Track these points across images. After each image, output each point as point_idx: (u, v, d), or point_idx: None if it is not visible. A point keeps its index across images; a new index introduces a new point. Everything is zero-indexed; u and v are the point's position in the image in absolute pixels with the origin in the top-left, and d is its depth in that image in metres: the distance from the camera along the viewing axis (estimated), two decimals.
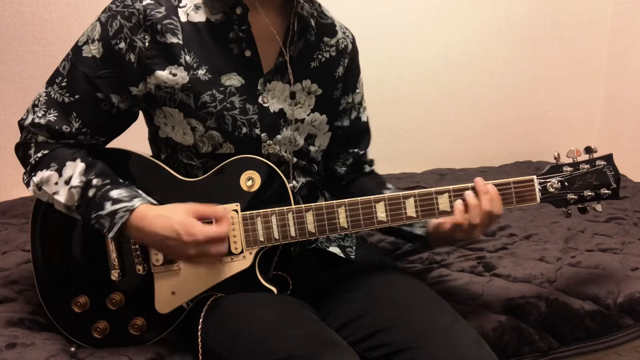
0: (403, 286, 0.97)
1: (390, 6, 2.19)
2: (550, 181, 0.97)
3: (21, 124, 0.95)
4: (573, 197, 0.97)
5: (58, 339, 0.95)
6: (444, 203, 0.94)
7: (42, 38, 1.86)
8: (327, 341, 0.82)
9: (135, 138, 1.08)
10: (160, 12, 0.91)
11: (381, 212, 0.94)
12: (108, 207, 0.87)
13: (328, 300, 0.99)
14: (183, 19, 0.93)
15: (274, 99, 0.98)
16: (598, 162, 0.98)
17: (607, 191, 0.97)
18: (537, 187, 0.96)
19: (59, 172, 0.90)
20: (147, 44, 0.91)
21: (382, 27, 2.19)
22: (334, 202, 0.93)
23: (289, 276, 1.03)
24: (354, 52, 1.13)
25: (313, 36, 1.03)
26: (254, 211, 0.93)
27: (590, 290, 1.17)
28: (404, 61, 2.26)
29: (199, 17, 0.94)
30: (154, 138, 1.03)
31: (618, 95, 2.48)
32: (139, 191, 0.92)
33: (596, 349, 1.14)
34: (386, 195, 0.94)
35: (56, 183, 0.90)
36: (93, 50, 0.92)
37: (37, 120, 0.93)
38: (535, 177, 0.96)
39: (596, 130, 2.59)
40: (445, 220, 0.95)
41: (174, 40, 0.92)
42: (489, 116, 2.43)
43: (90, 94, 0.92)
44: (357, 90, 1.15)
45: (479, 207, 0.91)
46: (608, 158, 0.98)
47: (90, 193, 0.89)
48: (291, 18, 0.99)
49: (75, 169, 0.90)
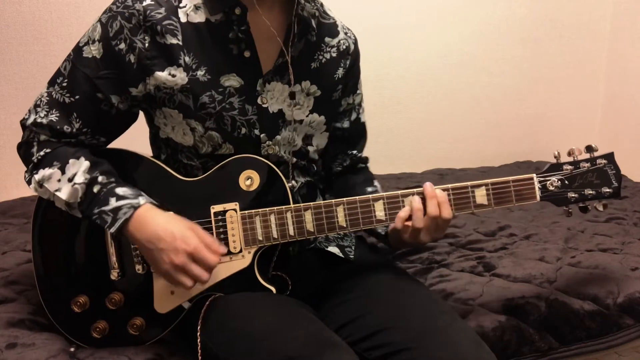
0: (402, 286, 0.97)
1: (390, 6, 2.19)
2: (550, 179, 0.96)
3: (23, 124, 0.96)
4: (573, 196, 0.97)
5: (58, 339, 0.95)
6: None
7: (42, 38, 1.87)
8: (327, 341, 0.82)
9: (135, 138, 1.08)
10: (160, 13, 0.91)
11: (380, 211, 0.94)
12: (112, 203, 0.88)
13: (327, 300, 0.98)
14: (183, 20, 0.93)
15: (273, 100, 0.98)
16: (599, 161, 0.98)
17: (608, 190, 0.97)
18: (537, 186, 0.96)
19: (62, 170, 0.91)
20: (147, 45, 0.91)
21: (382, 27, 2.19)
22: (333, 201, 0.93)
23: (288, 276, 1.02)
24: (356, 54, 1.12)
25: (314, 36, 1.03)
26: (253, 210, 0.93)
27: (590, 290, 1.16)
28: (404, 61, 2.26)
29: (199, 18, 0.94)
30: (155, 138, 1.03)
31: (618, 95, 2.47)
32: (143, 193, 0.92)
33: (596, 349, 1.13)
34: (385, 194, 0.94)
35: (58, 180, 0.90)
36: (93, 50, 0.92)
37: (39, 120, 0.93)
38: (535, 176, 0.96)
39: (596, 130, 2.59)
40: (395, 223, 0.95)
41: (174, 41, 0.92)
42: (489, 116, 2.43)
43: (90, 95, 0.93)
44: (358, 91, 1.14)
45: (421, 212, 0.91)
46: (609, 157, 0.98)
47: (95, 189, 0.89)
48: (291, 18, 0.98)
49: (79, 167, 0.90)
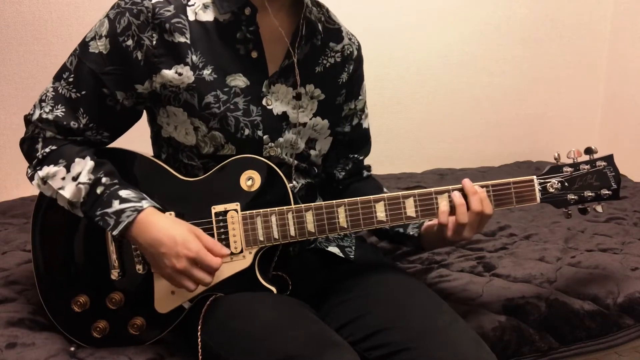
0: (402, 286, 0.97)
1: (390, 6, 2.19)
2: (550, 181, 0.97)
3: (28, 119, 0.95)
4: (573, 198, 0.97)
5: (58, 339, 0.95)
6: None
7: (42, 38, 1.86)
8: (328, 341, 0.82)
9: (136, 138, 1.08)
10: (169, 11, 0.91)
11: (381, 212, 0.94)
12: (115, 206, 0.88)
13: (327, 300, 0.99)
14: (191, 18, 0.92)
15: (278, 102, 0.98)
16: (598, 163, 0.98)
17: (608, 192, 0.98)
18: (537, 187, 0.96)
19: (67, 169, 0.91)
20: (155, 43, 0.91)
21: (382, 28, 2.19)
22: (334, 202, 0.93)
23: (289, 276, 1.02)
24: (359, 59, 1.12)
25: (319, 41, 1.03)
26: (254, 211, 0.93)
27: (590, 290, 1.17)
28: (404, 61, 2.26)
29: (207, 17, 0.93)
30: (156, 137, 1.03)
31: (618, 95, 2.47)
32: (146, 196, 0.92)
33: (596, 349, 1.14)
34: (386, 195, 0.94)
35: (63, 178, 0.90)
36: (100, 46, 0.91)
37: (45, 115, 0.92)
38: (535, 177, 0.96)
39: (596, 130, 2.59)
40: (434, 221, 0.95)
41: (182, 39, 0.91)
42: (489, 116, 2.43)
43: (96, 90, 0.92)
44: (360, 97, 1.14)
45: (464, 207, 0.91)
46: (609, 159, 0.98)
47: (98, 190, 0.89)
48: (299, 20, 0.98)
49: (84, 167, 0.90)
